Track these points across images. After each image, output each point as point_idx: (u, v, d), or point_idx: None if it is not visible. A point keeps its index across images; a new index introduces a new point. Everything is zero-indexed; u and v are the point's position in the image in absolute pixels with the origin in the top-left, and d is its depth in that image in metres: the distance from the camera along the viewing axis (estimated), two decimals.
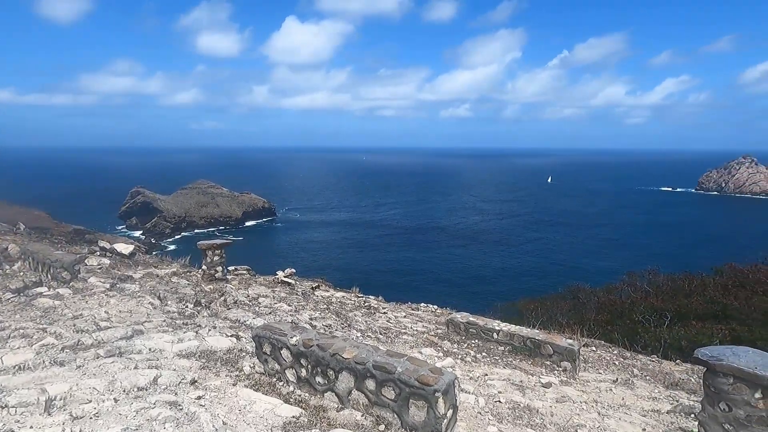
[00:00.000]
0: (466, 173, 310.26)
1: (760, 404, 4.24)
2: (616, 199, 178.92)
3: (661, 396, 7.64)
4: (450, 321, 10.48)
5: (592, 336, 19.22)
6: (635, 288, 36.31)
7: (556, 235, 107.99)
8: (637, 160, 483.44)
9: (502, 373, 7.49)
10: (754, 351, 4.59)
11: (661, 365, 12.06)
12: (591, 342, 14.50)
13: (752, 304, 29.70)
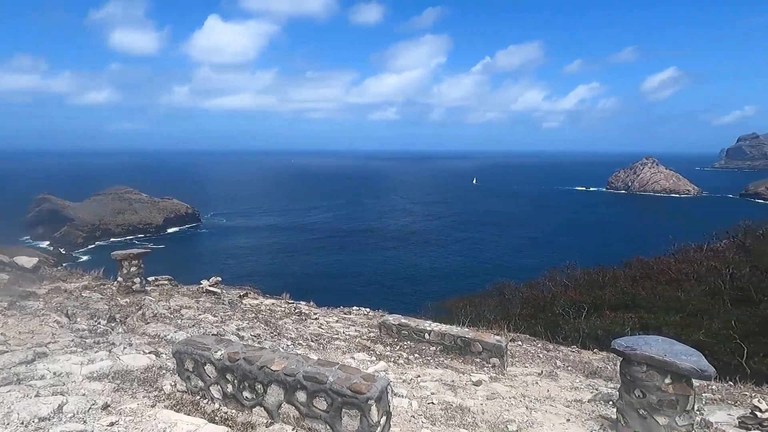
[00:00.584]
0: (395, 175, 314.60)
1: (669, 389, 4.54)
2: (537, 198, 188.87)
3: (582, 385, 8.05)
4: (382, 323, 10.47)
5: (518, 331, 20.04)
6: (555, 283, 38.41)
7: (483, 235, 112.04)
8: (554, 162, 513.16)
9: (434, 374, 7.57)
10: (663, 339, 4.91)
11: (581, 355, 12.76)
12: (517, 337, 15.07)
13: (657, 293, 32.29)
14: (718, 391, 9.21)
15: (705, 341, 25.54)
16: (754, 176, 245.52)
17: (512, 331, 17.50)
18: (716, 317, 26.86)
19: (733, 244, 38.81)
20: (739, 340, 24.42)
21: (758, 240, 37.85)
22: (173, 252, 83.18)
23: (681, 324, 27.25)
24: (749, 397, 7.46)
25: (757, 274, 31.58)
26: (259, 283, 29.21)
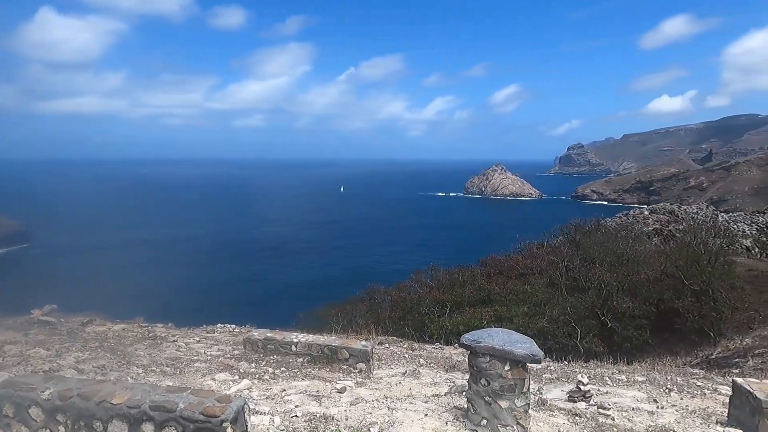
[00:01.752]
0: (264, 184, 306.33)
1: (509, 375, 5.04)
2: (402, 204, 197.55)
3: (441, 380, 8.57)
4: (247, 340, 10.08)
5: (387, 333, 20.70)
6: (421, 284, 40.41)
7: (353, 241, 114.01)
8: (417, 169, 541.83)
9: (300, 386, 7.48)
10: (504, 330, 5.44)
11: (444, 351, 13.56)
12: (385, 339, 15.51)
13: (508, 288, 35.53)
14: (555, 371, 10.42)
15: (547, 327, 28.79)
16: (582, 180, 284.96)
17: (381, 334, 18.01)
18: (555, 305, 30.46)
19: (566, 240, 44.47)
20: (574, 324, 27.97)
21: (586, 236, 43.85)
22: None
23: (528, 314, 30.39)
24: (578, 373, 8.56)
25: (585, 265, 36.50)
26: (109, 307, 26.28)
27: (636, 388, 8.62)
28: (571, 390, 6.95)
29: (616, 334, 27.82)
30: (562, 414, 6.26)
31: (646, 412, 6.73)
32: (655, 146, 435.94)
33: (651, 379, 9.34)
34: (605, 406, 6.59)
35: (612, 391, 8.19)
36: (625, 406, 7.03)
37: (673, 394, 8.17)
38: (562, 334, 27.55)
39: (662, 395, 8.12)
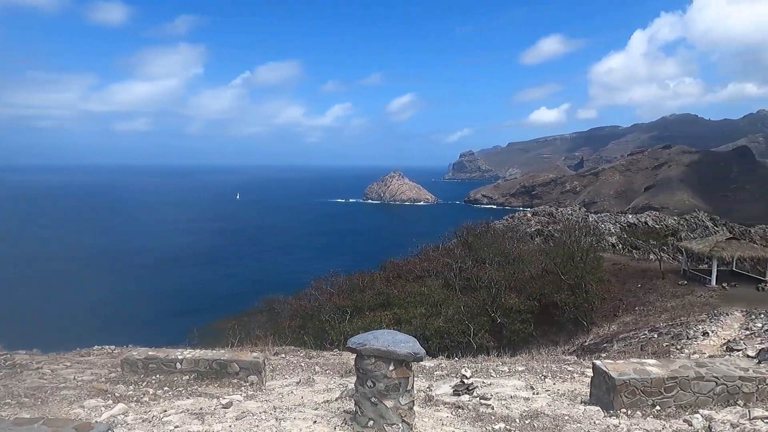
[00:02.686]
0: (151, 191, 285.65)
1: (393, 374, 5.16)
2: (303, 211, 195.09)
3: (334, 386, 8.56)
4: (125, 361, 9.28)
5: (286, 343, 20.25)
6: (321, 291, 40.09)
7: (251, 251, 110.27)
8: (316, 175, 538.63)
9: (183, 405, 7.04)
10: (389, 332, 5.56)
11: (341, 356, 13.52)
12: (282, 349, 15.14)
13: (406, 290, 36.43)
14: (446, 368, 10.85)
15: (443, 326, 29.98)
16: (473, 185, 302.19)
17: (278, 344, 17.57)
18: (451, 305, 31.85)
19: (459, 243, 46.77)
20: (467, 322, 29.41)
21: (477, 238, 46.43)
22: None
23: (426, 314, 31.42)
24: (464, 368, 9.00)
25: (477, 265, 38.62)
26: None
27: (516, 378, 9.25)
28: (456, 384, 7.29)
29: (505, 329, 29.77)
30: (446, 408, 6.54)
31: (523, 399, 7.26)
32: (536, 154, 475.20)
33: (530, 368, 10.08)
34: (486, 396, 7.01)
35: (495, 382, 8.72)
36: (505, 395, 7.52)
37: (548, 380, 8.89)
38: (456, 332, 28.88)
39: (538, 382, 8.79)
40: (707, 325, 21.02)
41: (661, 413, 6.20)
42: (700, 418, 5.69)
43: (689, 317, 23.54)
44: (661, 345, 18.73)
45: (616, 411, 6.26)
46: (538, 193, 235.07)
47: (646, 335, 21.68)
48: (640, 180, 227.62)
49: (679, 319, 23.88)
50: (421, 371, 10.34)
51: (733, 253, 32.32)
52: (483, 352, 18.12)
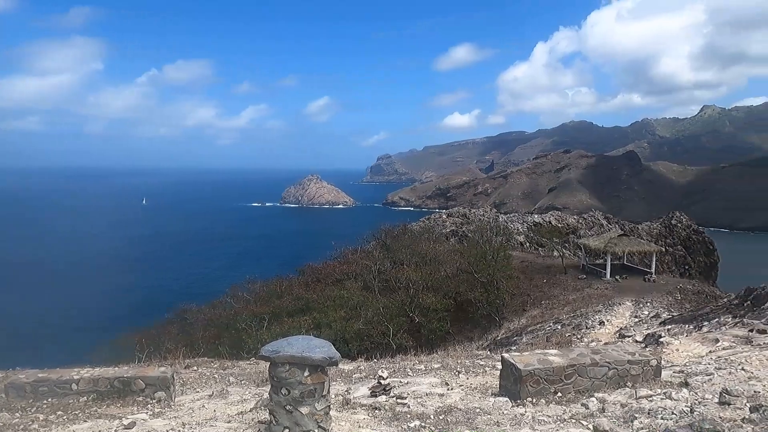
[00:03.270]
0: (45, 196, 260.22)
1: (308, 380, 5.09)
2: (216, 216, 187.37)
3: (250, 396, 8.29)
4: (10, 386, 8.35)
5: (198, 355, 19.29)
6: (238, 299, 38.73)
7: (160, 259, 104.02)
8: (231, 179, 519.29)
9: (79, 429, 6.47)
10: (304, 337, 5.49)
11: (258, 365, 13.12)
12: (194, 362, 14.43)
13: (326, 294, 36.16)
14: (365, 370, 10.90)
15: (363, 329, 30.11)
16: (390, 188, 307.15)
17: (190, 357, 16.72)
18: (370, 307, 32.08)
19: (378, 245, 47.30)
20: (387, 323, 29.77)
21: (395, 239, 47.21)
22: None
23: (345, 318, 31.37)
24: (381, 369, 9.10)
25: (395, 267, 39.23)
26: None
27: (432, 375, 9.50)
28: (374, 386, 7.35)
29: (423, 328, 30.48)
30: (363, 410, 6.57)
31: (438, 395, 7.47)
32: (450, 157, 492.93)
33: (445, 365, 10.39)
34: (403, 396, 7.14)
35: (412, 381, 8.89)
36: (421, 393, 7.70)
37: (462, 376, 9.22)
38: (376, 333, 29.13)
39: (453, 378, 9.09)
40: (603, 315, 22.94)
41: (562, 399, 6.65)
42: (595, 401, 6.19)
43: (588, 308, 25.53)
44: (564, 335, 20.15)
45: (522, 400, 6.64)
46: (452, 195, 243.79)
47: (551, 327, 23.22)
48: (544, 182, 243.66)
49: (580, 310, 25.82)
50: (339, 375, 10.31)
51: (624, 249, 35.50)
52: (402, 352, 18.42)
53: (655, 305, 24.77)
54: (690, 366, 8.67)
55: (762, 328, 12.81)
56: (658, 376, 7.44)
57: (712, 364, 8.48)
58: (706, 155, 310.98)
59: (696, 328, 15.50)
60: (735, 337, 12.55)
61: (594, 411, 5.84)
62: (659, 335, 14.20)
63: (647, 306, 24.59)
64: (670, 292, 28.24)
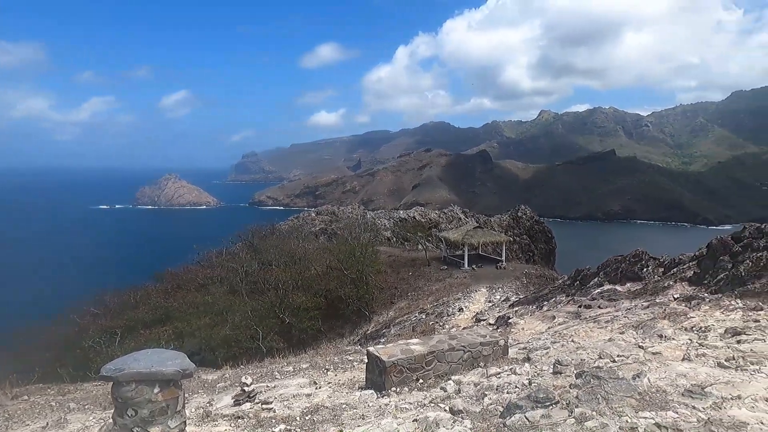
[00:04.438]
0: None
1: (159, 397, 4.68)
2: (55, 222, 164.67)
3: (93, 422, 7.42)
4: None
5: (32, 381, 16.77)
6: (83, 313, 34.52)
7: None
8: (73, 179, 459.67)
9: None
10: (154, 351, 5.02)
11: (107, 386, 11.82)
12: (25, 390, 12.60)
13: (188, 301, 33.93)
14: (229, 378, 10.41)
15: (231, 334, 28.80)
16: (257, 187, 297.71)
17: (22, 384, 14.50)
18: (237, 311, 30.81)
19: (244, 246, 45.61)
20: (256, 326, 28.83)
21: (262, 240, 45.90)
22: None
23: (211, 324, 29.75)
24: (244, 376, 8.75)
25: (263, 268, 38.16)
26: None
27: (301, 376, 9.39)
28: (237, 394, 7.03)
29: (294, 328, 30.07)
30: (225, 421, 6.26)
31: (305, 396, 7.40)
32: (318, 155, 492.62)
33: (314, 364, 10.35)
34: (269, 400, 6.93)
35: (279, 384, 8.70)
36: (288, 395, 7.56)
37: (330, 373, 9.25)
38: (245, 338, 28.04)
39: (321, 376, 9.08)
40: (462, 302, 24.75)
41: (423, 385, 7.01)
42: (452, 384, 6.62)
43: (449, 297, 27.34)
44: (428, 324, 21.34)
45: (387, 391, 6.85)
46: (321, 194, 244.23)
47: (417, 317, 24.43)
48: (408, 179, 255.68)
49: (442, 299, 27.54)
50: (202, 386, 9.73)
51: (479, 240, 38.69)
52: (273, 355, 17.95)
53: (506, 290, 27.39)
54: (532, 342, 9.72)
55: (588, 303, 14.85)
56: (506, 354, 8.21)
57: (549, 339, 9.60)
58: (544, 154, 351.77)
59: (538, 308, 17.47)
60: (568, 313, 14.37)
61: (451, 393, 6.24)
62: (508, 317, 15.71)
63: (499, 291, 27.09)
64: (518, 277, 31.44)
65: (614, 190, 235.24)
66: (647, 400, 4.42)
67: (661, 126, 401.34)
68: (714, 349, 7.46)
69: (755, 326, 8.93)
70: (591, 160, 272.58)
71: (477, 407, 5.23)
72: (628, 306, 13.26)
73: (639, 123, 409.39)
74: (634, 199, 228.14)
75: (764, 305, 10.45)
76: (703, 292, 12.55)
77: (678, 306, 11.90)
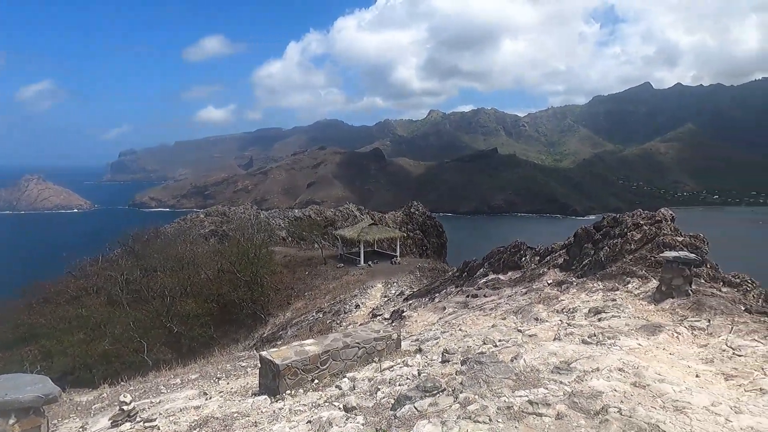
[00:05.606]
0: None
1: (16, 428, 4.15)
2: None
3: None
4: None
5: None
6: None
7: None
8: None
9: None
10: (6, 377, 4.45)
11: None
12: None
13: (58, 316, 30.57)
14: (107, 397, 9.56)
15: (110, 349, 26.45)
16: (138, 187, 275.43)
17: None
18: (118, 323, 28.36)
19: (124, 252, 42.00)
20: (140, 338, 26.75)
21: (145, 245, 42.59)
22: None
23: (86, 340, 27.09)
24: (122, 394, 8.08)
25: (147, 275, 35.51)
26: None
27: (190, 387, 8.88)
28: (115, 414, 6.47)
29: (184, 337, 28.36)
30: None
31: (193, 408, 7.02)
32: (207, 153, 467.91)
33: (204, 374, 9.85)
34: (152, 418, 6.46)
35: (165, 398, 8.15)
36: (174, 410, 7.11)
37: (222, 382, 8.86)
38: (128, 351, 25.91)
39: (212, 386, 8.67)
40: (359, 299, 25.05)
41: (319, 385, 6.98)
42: (347, 381, 6.67)
43: (346, 294, 27.51)
44: (326, 323, 21.30)
45: (281, 394, 6.72)
46: (211, 193, 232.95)
47: (314, 316, 24.28)
48: (303, 177, 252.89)
49: (339, 297, 27.64)
50: (74, 409, 8.81)
51: (374, 236, 39.39)
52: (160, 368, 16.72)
53: (401, 284, 28.21)
54: (423, 334, 10.12)
55: (474, 293, 15.80)
56: (399, 347, 8.46)
57: (440, 329, 10.06)
58: (434, 152, 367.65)
59: (430, 300, 18.23)
60: (457, 304, 15.17)
61: (346, 390, 6.29)
62: (402, 310, 16.20)
63: (394, 286, 27.82)
64: (412, 271, 32.52)
65: (498, 185, 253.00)
66: (522, 379, 4.82)
67: (536, 126, 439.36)
68: (580, 327, 8.33)
69: (612, 305, 10.12)
70: (476, 157, 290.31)
71: (370, 402, 5.33)
72: (509, 293, 14.32)
73: (517, 123, 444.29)
74: (515, 193, 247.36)
75: (620, 286, 11.87)
76: (572, 277, 13.94)
77: (551, 291, 13.10)
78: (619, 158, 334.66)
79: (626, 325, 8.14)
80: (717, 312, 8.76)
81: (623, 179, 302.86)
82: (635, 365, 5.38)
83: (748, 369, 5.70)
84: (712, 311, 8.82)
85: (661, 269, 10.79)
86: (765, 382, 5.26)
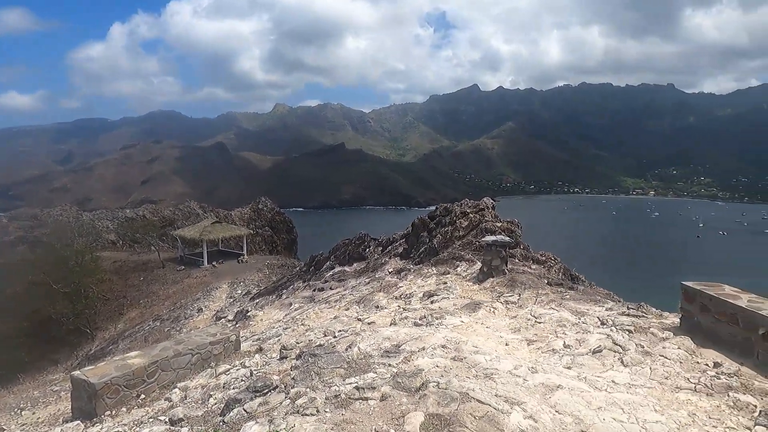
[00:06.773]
0: None
1: None
2: None
3: None
4: None
5: None
6: None
7: None
8: None
9: None
10: None
11: None
12: None
13: None
14: None
15: None
16: None
17: None
18: None
19: None
20: None
21: None
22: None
23: None
24: None
25: None
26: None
27: None
28: None
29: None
30: None
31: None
32: (10, 146, 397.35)
33: (4, 406, 8.40)
34: None
35: None
36: None
37: (25, 413, 7.65)
38: None
39: (11, 419, 7.42)
40: (201, 302, 23.59)
41: (146, 401, 6.39)
42: (177, 392, 6.21)
43: (187, 299, 25.71)
44: (164, 331, 19.64)
45: (100, 416, 6.01)
46: (18, 194, 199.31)
47: (150, 325, 22.24)
48: (136, 174, 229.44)
49: (180, 302, 25.72)
50: None
51: (219, 235, 37.40)
52: None
53: (248, 283, 27.25)
54: (266, 332, 9.89)
55: (321, 286, 15.93)
56: (238, 349, 8.14)
57: (282, 326, 9.93)
58: (282, 146, 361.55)
59: (277, 297, 17.91)
60: (304, 298, 15.14)
61: (176, 402, 5.85)
62: (247, 310, 15.67)
63: (241, 285, 26.78)
64: (260, 269, 31.62)
65: (346, 179, 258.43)
66: (354, 367, 4.97)
67: (380, 122, 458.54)
68: (414, 311, 8.89)
69: (443, 287, 11.00)
70: (325, 152, 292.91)
71: (200, 411, 5.03)
72: (354, 284, 14.73)
73: (363, 119, 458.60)
74: (362, 186, 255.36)
75: (450, 270, 12.96)
76: (410, 265, 14.83)
77: (391, 279, 13.78)
78: (454, 153, 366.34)
79: (453, 305, 8.90)
80: (526, 287, 10.05)
81: (458, 172, 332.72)
82: (456, 341, 5.91)
83: (545, 333, 6.64)
84: (522, 286, 10.10)
85: (483, 252, 12.06)
86: (556, 343, 6.17)
